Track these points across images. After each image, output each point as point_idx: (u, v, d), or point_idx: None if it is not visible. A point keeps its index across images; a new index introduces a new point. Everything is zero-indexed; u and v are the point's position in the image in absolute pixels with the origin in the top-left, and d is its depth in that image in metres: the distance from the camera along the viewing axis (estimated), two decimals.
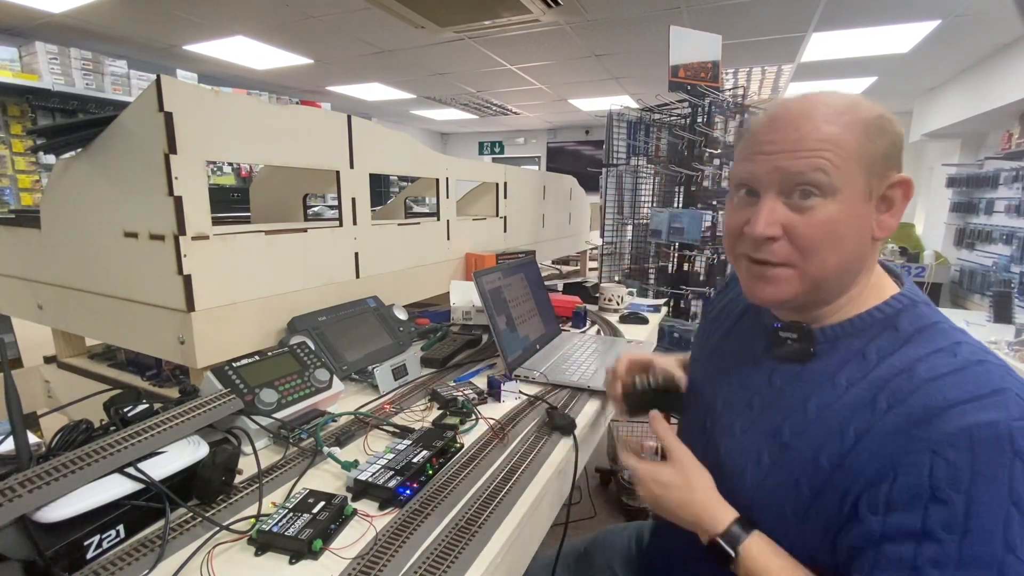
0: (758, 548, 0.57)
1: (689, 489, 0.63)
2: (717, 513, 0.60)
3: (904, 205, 0.58)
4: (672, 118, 2.42)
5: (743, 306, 0.76)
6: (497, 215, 2.08)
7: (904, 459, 0.49)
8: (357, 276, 1.30)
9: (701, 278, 2.41)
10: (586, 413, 0.98)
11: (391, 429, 0.86)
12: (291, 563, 0.55)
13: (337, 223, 1.25)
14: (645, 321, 1.71)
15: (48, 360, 1.37)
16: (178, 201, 0.86)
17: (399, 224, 1.46)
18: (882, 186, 0.56)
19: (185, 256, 0.88)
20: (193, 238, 0.89)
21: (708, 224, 2.27)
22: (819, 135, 0.54)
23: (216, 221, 0.96)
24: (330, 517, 0.59)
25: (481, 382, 1.08)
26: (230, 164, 4.69)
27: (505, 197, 2.11)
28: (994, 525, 0.45)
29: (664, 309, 1.97)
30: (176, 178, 0.86)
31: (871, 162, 0.54)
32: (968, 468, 0.46)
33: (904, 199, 0.58)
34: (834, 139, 0.54)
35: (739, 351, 0.71)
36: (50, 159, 3.36)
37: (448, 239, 1.70)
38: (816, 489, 0.55)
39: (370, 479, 0.67)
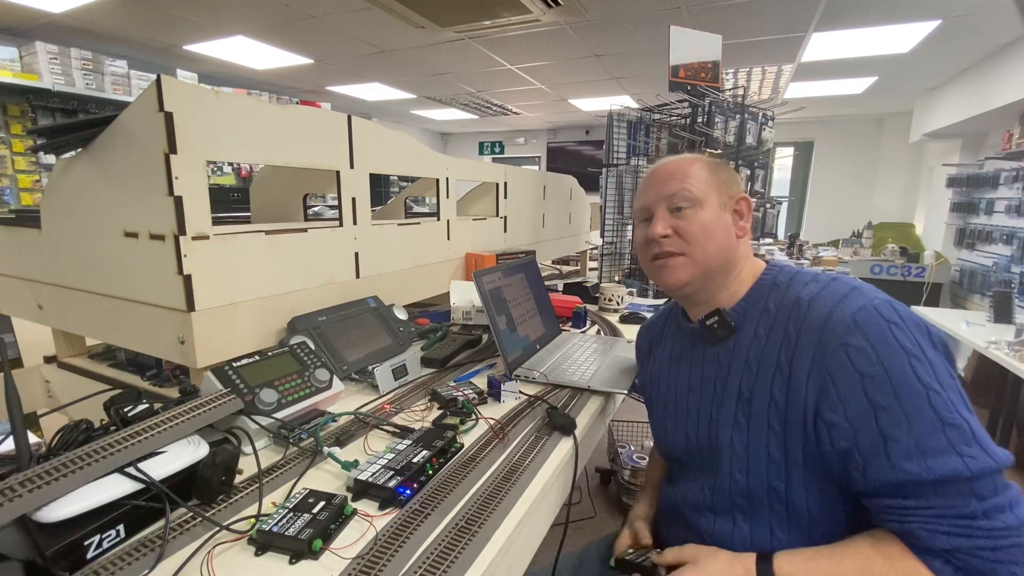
0: (787, 565, 0.66)
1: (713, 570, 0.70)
2: (747, 572, 0.68)
3: (749, 214, 0.83)
4: (672, 118, 2.42)
5: (670, 345, 0.92)
6: (497, 215, 2.08)
7: (830, 363, 0.65)
8: (357, 276, 1.30)
9: None
10: (586, 413, 0.98)
11: (391, 429, 0.86)
12: (291, 563, 0.55)
13: (337, 223, 1.25)
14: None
15: (48, 360, 1.37)
16: (178, 201, 0.86)
17: (399, 224, 1.46)
18: (731, 202, 0.81)
19: (185, 256, 0.88)
20: (193, 238, 0.89)
21: None
22: (682, 172, 0.81)
23: (216, 221, 0.96)
24: (330, 517, 0.59)
25: (481, 382, 1.08)
26: (230, 164, 4.69)
27: (505, 197, 2.11)
28: (906, 374, 0.61)
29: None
30: (176, 178, 0.86)
31: (718, 185, 0.81)
32: (868, 345, 0.63)
33: (748, 211, 0.83)
34: (692, 171, 0.81)
35: (687, 365, 0.85)
36: (50, 159, 3.36)
37: (448, 239, 1.70)
38: (782, 420, 0.69)
39: (370, 479, 0.67)
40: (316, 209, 4.28)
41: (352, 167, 1.24)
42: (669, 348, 0.92)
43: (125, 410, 0.67)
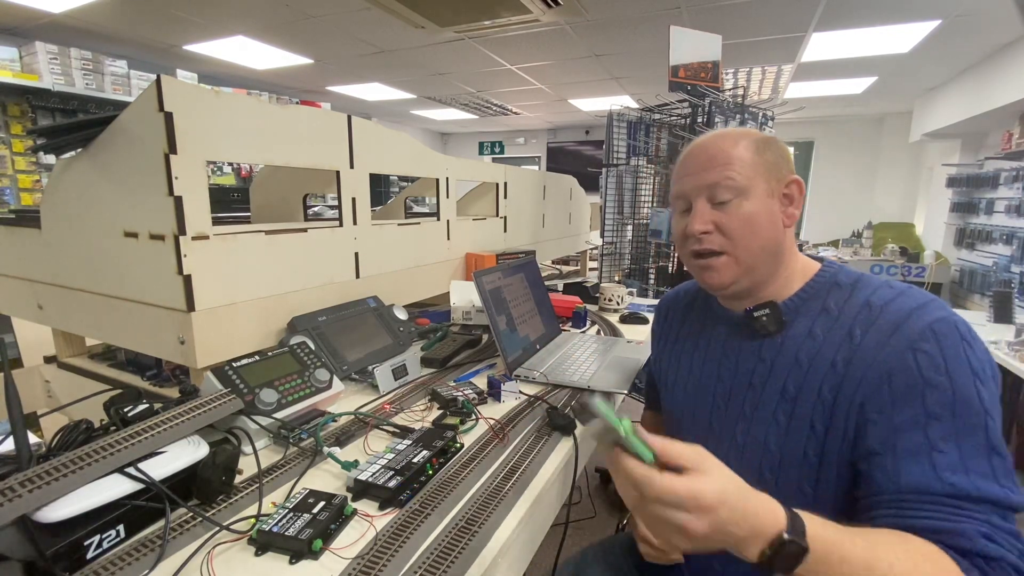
0: (820, 528, 0.51)
1: (736, 500, 0.49)
2: (768, 512, 0.50)
3: (801, 199, 0.75)
4: (672, 118, 2.41)
5: (697, 325, 0.88)
6: (497, 215, 2.08)
7: (893, 363, 0.61)
8: (357, 276, 1.30)
9: None
10: None
11: (391, 429, 0.86)
12: (291, 563, 0.55)
13: (337, 223, 1.25)
14: (645, 321, 1.71)
15: (48, 360, 1.37)
16: (178, 201, 0.86)
17: (399, 224, 1.46)
18: (780, 186, 0.73)
19: (185, 256, 0.88)
20: (193, 238, 0.89)
21: None
22: (725, 155, 0.72)
23: (216, 221, 0.96)
24: (330, 517, 0.59)
25: (481, 382, 1.08)
26: (230, 164, 4.69)
27: (505, 197, 2.11)
28: (971, 394, 0.58)
29: None
30: (176, 178, 0.86)
31: (766, 168, 0.72)
32: (940, 354, 0.59)
33: (799, 194, 0.74)
34: (735, 155, 0.72)
35: (715, 353, 0.81)
36: (50, 159, 3.36)
37: (448, 239, 1.70)
38: (826, 420, 0.66)
39: (370, 479, 0.67)
40: (316, 209, 4.28)
41: (352, 167, 1.24)
42: (696, 330, 0.87)
43: (125, 410, 0.67)
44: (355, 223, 1.27)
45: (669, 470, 0.48)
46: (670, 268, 2.44)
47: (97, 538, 0.54)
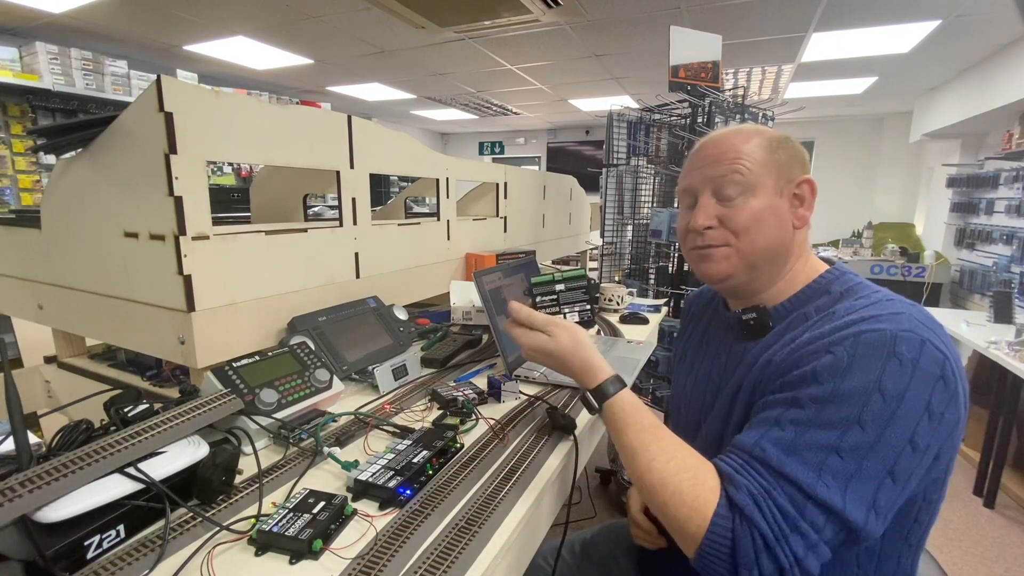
0: (622, 402, 0.70)
1: (564, 357, 0.77)
2: (591, 374, 0.75)
3: (812, 200, 0.73)
4: (672, 118, 2.42)
5: (705, 323, 0.90)
6: (497, 215, 2.08)
7: (805, 359, 0.62)
8: (357, 276, 1.30)
9: None
10: (586, 413, 0.98)
11: (391, 429, 0.86)
12: (291, 563, 0.55)
13: (337, 223, 1.25)
14: (645, 321, 1.71)
15: (48, 360, 1.37)
16: (178, 201, 0.86)
17: (399, 224, 1.46)
18: (791, 186, 0.72)
19: (185, 256, 0.88)
20: (193, 238, 0.89)
21: None
22: (735, 151, 0.71)
23: (216, 221, 0.96)
24: (330, 517, 0.59)
25: (481, 382, 1.08)
26: (230, 164, 4.69)
27: (505, 197, 2.11)
28: (854, 404, 0.56)
29: (664, 309, 1.97)
30: (176, 178, 0.86)
31: (777, 167, 0.71)
32: (847, 359, 0.58)
33: (811, 195, 0.73)
34: (746, 152, 0.71)
35: (713, 351, 0.83)
36: (50, 159, 3.36)
37: (448, 239, 1.70)
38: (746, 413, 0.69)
39: (370, 479, 0.67)
40: (316, 209, 4.28)
41: (352, 167, 1.24)
42: (703, 330, 0.89)
43: (125, 410, 0.67)
44: (355, 223, 1.27)
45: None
46: (670, 268, 2.44)
47: (97, 538, 0.54)
